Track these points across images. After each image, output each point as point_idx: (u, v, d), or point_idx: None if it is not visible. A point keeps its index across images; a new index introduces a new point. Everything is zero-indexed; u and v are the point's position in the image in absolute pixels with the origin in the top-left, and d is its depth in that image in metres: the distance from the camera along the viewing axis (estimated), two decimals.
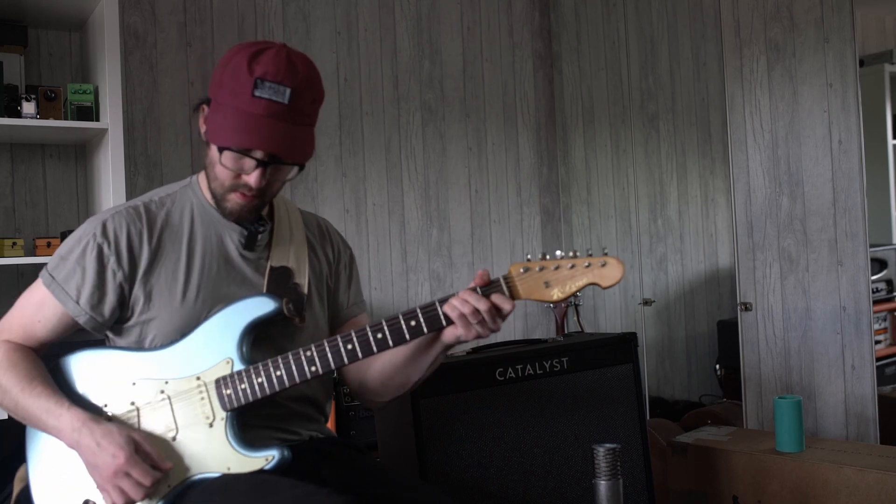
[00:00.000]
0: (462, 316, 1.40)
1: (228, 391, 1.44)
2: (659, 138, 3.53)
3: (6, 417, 2.15)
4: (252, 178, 1.44)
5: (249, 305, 1.48)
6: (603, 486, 1.80)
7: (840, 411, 2.68)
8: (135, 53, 2.84)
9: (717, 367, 3.44)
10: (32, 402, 1.43)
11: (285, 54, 1.42)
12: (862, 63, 2.73)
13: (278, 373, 1.43)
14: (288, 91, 1.39)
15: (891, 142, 3.00)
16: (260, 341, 1.50)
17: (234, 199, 1.49)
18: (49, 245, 2.37)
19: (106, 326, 1.52)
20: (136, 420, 1.46)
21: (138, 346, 1.51)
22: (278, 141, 1.41)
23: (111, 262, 1.48)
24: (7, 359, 1.47)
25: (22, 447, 1.53)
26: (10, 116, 2.34)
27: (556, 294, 1.41)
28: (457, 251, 3.50)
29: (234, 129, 1.40)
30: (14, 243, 2.34)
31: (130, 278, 1.49)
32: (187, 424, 1.44)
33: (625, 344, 2.42)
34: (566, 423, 2.28)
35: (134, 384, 1.47)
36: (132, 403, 1.46)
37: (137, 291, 1.49)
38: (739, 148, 2.92)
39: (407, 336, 1.42)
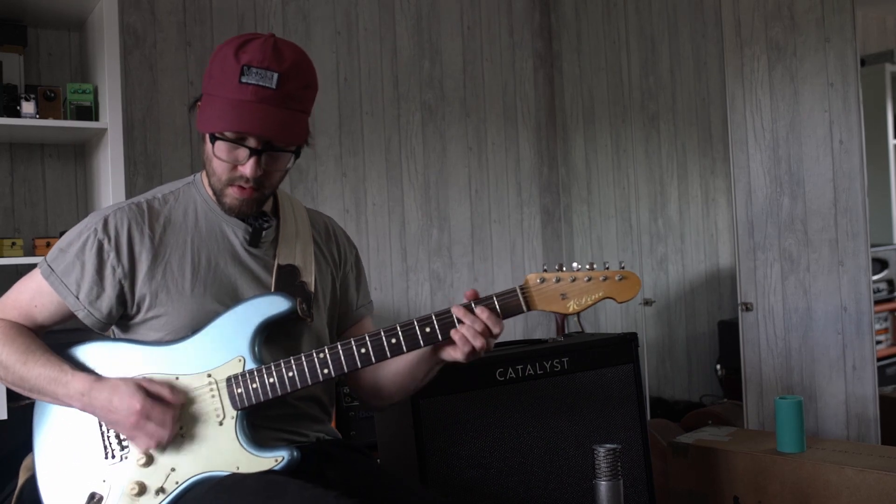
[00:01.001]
0: (466, 331, 1.41)
1: (240, 390, 1.43)
2: (659, 138, 3.53)
3: (7, 417, 2.15)
4: (247, 168, 1.43)
5: (263, 304, 1.47)
6: (603, 486, 1.80)
7: (841, 412, 2.67)
8: (134, 53, 2.84)
9: (718, 367, 3.44)
10: (36, 373, 1.43)
11: (272, 43, 1.42)
12: (863, 63, 2.73)
13: (290, 374, 1.43)
14: (275, 76, 1.38)
15: (891, 141, 3.00)
16: (265, 339, 1.50)
17: (233, 194, 1.47)
18: (48, 245, 2.37)
19: (106, 324, 1.51)
20: None
21: (148, 342, 1.50)
22: (267, 124, 1.39)
23: (111, 258, 1.47)
24: (4, 334, 1.47)
25: (28, 439, 1.52)
26: (9, 116, 2.33)
27: (572, 306, 1.42)
28: (457, 251, 3.50)
29: (223, 116, 1.40)
30: (13, 243, 2.34)
31: (131, 275, 1.48)
32: (197, 421, 1.44)
33: (625, 344, 2.42)
34: (566, 423, 2.28)
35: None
36: None
37: (142, 289, 1.49)
38: (740, 148, 2.92)
39: (421, 342, 1.42)
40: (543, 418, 2.25)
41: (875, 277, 2.73)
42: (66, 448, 1.47)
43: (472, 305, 1.42)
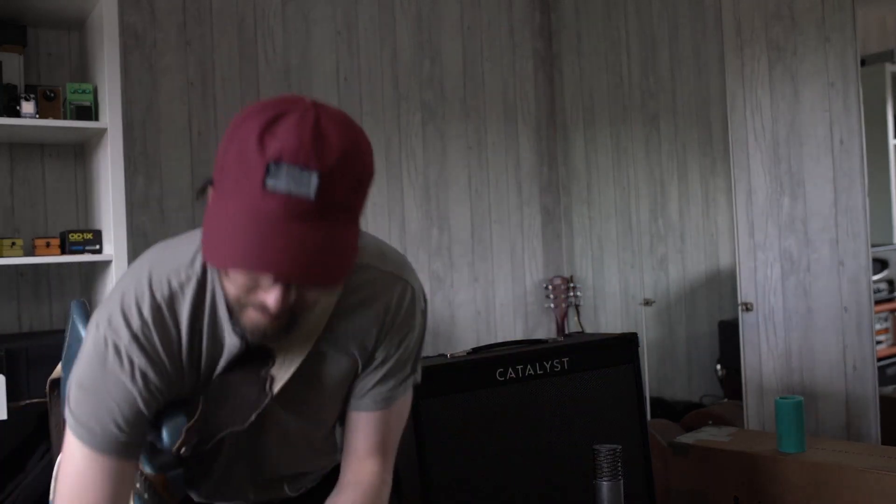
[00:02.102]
0: None
1: None
2: (659, 138, 3.53)
3: (6, 417, 2.14)
4: (270, 299, 1.04)
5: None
6: (604, 486, 1.80)
7: (841, 412, 2.67)
8: (134, 53, 2.84)
9: (718, 367, 3.43)
10: None
11: (312, 120, 0.98)
12: (863, 62, 2.73)
13: None
14: (314, 177, 0.96)
15: (892, 141, 3.00)
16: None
17: (252, 317, 1.09)
18: (48, 245, 2.36)
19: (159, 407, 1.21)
20: None
21: None
22: (300, 259, 0.97)
23: (150, 374, 1.14)
24: None
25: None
26: (9, 116, 2.33)
27: None
28: (457, 251, 3.49)
29: (236, 244, 0.97)
30: (13, 243, 2.34)
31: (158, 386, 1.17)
32: None
33: (625, 344, 2.42)
34: (567, 423, 2.28)
35: None
36: None
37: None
38: (740, 147, 2.92)
39: None
40: (544, 418, 2.25)
41: (875, 277, 2.73)
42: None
43: None
